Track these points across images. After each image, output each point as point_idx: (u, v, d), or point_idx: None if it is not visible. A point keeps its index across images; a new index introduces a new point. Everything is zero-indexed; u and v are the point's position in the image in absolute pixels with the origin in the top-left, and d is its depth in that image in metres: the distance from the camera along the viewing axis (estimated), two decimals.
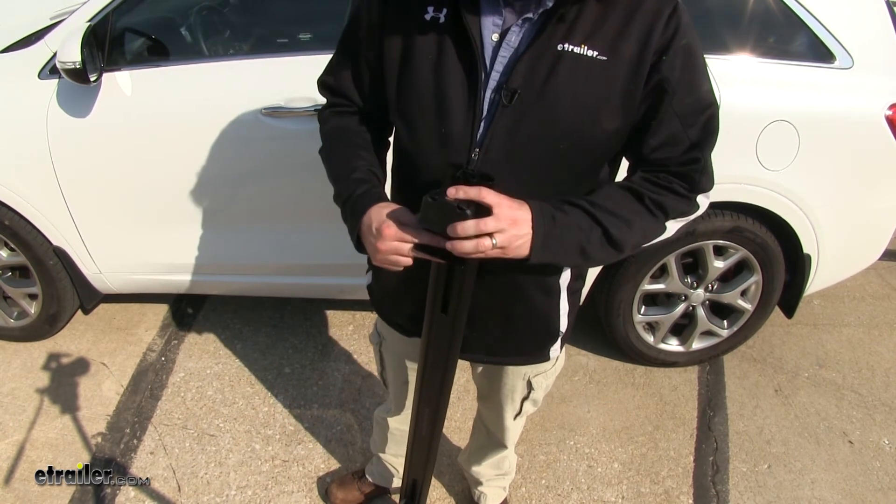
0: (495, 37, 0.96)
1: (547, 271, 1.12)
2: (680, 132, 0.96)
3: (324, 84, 1.18)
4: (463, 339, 1.06)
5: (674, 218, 1.02)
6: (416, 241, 0.92)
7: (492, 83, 0.96)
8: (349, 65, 1.12)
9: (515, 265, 0.94)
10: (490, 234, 0.86)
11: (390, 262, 0.96)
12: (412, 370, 1.41)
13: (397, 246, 0.94)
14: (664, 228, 1.02)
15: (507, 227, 0.86)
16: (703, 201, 1.04)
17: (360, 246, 1.05)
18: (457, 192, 0.82)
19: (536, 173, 0.99)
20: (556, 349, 1.27)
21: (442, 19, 0.97)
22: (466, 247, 0.85)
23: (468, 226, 0.84)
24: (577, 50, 0.92)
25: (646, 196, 0.98)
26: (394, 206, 0.98)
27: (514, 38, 0.95)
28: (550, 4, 0.92)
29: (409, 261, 0.95)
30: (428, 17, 0.98)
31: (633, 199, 0.99)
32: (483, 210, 0.85)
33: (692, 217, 1.05)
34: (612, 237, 0.96)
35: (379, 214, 0.97)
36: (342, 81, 1.14)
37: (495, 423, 1.54)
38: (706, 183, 1.01)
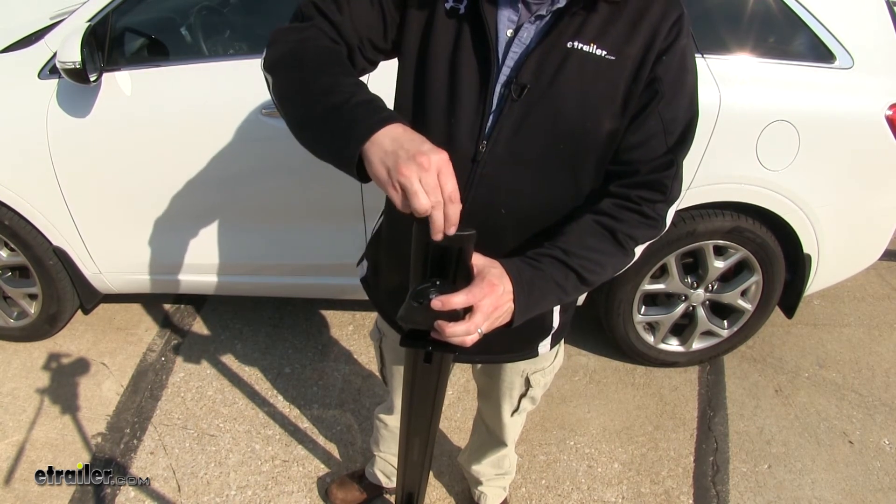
0: (509, 32, 0.97)
1: None
2: (660, 135, 0.97)
3: (313, 3, 0.99)
4: None
5: (642, 244, 1.04)
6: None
7: (502, 78, 0.97)
8: (350, 5, 0.99)
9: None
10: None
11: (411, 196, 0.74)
12: None
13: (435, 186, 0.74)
14: (634, 257, 1.04)
15: (490, 312, 0.86)
16: (670, 214, 1.04)
17: (349, 164, 0.80)
18: (442, 306, 0.81)
19: (540, 169, 1.00)
20: (545, 345, 1.27)
21: (462, 10, 0.98)
22: (456, 341, 0.85)
23: (458, 329, 0.84)
24: (585, 48, 0.94)
25: (618, 232, 0.99)
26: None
27: (525, 34, 0.96)
28: (563, 3, 0.93)
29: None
30: (448, 6, 0.99)
31: (607, 239, 0.99)
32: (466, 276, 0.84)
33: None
34: (585, 280, 0.98)
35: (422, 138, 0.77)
36: (330, 6, 0.98)
37: (494, 419, 1.54)
38: (677, 189, 1.02)
